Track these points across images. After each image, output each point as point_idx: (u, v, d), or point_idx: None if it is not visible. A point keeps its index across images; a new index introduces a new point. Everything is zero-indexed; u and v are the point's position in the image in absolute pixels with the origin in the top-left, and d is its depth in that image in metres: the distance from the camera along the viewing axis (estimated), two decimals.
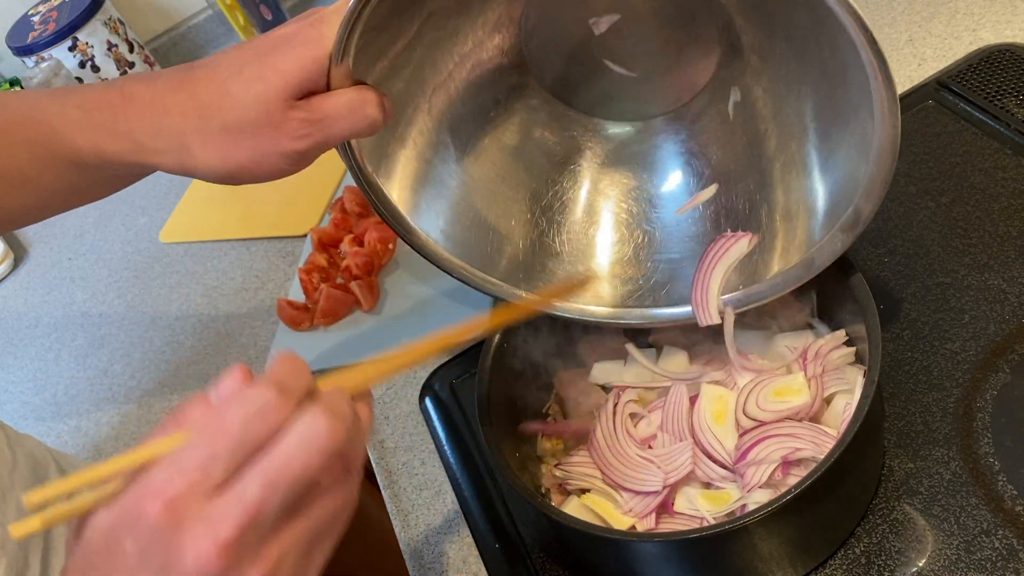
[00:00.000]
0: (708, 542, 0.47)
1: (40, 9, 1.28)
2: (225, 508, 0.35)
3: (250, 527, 0.35)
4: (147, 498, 0.35)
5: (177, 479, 0.35)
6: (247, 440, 0.35)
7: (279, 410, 0.36)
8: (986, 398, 0.57)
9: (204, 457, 0.35)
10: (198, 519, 0.34)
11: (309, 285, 0.88)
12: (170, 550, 0.34)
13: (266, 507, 0.35)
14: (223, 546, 0.34)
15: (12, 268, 1.19)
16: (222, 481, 0.35)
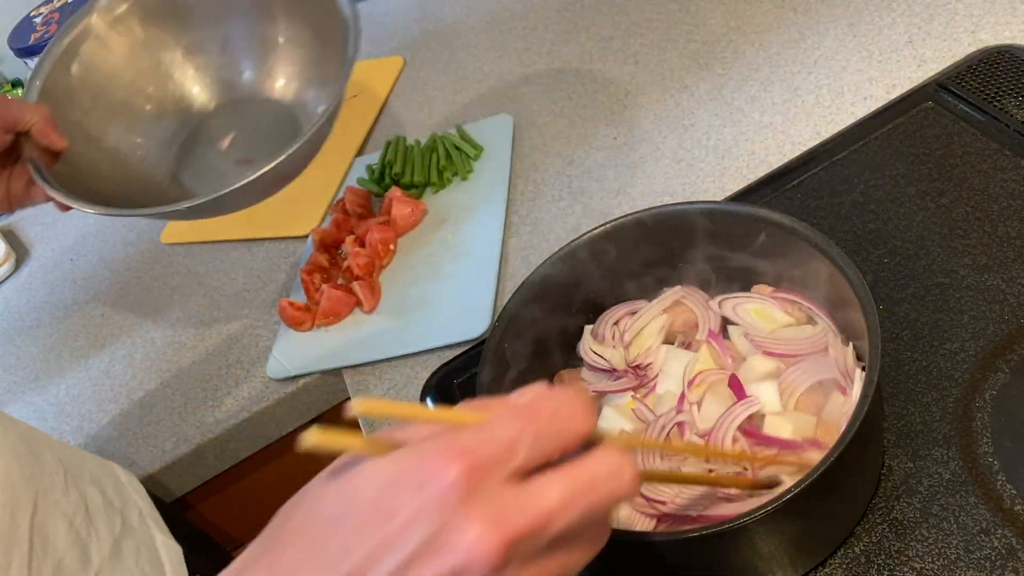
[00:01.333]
0: (708, 541, 0.47)
1: (42, 10, 1.28)
2: (522, 501, 0.32)
3: (534, 535, 0.32)
4: (448, 456, 0.32)
5: (484, 447, 0.33)
6: (555, 432, 0.34)
7: (588, 415, 0.35)
8: (985, 398, 0.57)
9: (512, 434, 0.33)
10: (492, 498, 0.32)
11: (310, 285, 0.88)
12: (450, 520, 0.32)
13: (556, 520, 0.33)
14: (506, 540, 0.31)
15: (14, 269, 1.19)
16: (524, 468, 0.33)
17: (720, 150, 0.85)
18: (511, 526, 0.32)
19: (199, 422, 0.86)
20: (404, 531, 0.32)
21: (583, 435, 0.35)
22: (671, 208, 0.62)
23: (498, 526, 0.31)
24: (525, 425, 0.33)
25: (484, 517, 0.31)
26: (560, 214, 0.87)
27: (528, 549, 0.32)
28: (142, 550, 0.67)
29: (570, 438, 0.34)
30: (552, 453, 0.34)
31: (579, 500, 0.33)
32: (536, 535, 0.32)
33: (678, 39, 1.00)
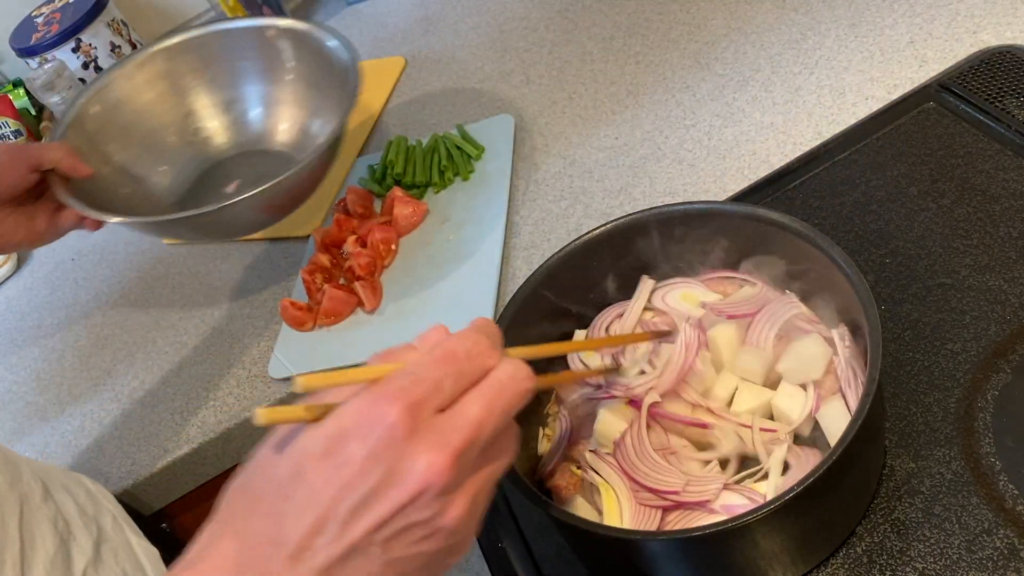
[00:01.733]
0: (711, 540, 0.47)
1: (43, 11, 1.28)
2: (454, 422, 0.37)
3: (470, 447, 0.36)
4: (387, 400, 0.36)
5: (417, 387, 0.36)
6: (470, 368, 0.38)
7: (493, 350, 0.39)
8: (987, 398, 0.57)
9: (438, 374, 0.37)
10: (431, 428, 0.36)
11: (312, 286, 0.88)
12: (401, 456, 0.35)
13: (484, 430, 0.37)
14: (452, 457, 0.35)
15: (15, 269, 1.19)
16: (449, 399, 0.37)
17: (721, 150, 0.85)
18: (452, 444, 0.36)
19: (200, 422, 0.86)
20: (360, 474, 0.35)
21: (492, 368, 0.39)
22: (672, 209, 0.62)
23: (442, 448, 0.36)
24: (446, 366, 0.38)
25: (429, 444, 0.36)
26: (561, 214, 0.87)
27: (468, 462, 0.37)
28: (121, 553, 0.68)
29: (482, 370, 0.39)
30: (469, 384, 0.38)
31: (495, 405, 0.38)
32: (473, 446, 0.37)
33: (679, 39, 1.00)
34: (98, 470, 0.86)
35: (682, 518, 0.53)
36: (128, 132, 0.94)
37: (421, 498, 0.35)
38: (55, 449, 0.90)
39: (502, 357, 0.40)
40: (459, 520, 0.37)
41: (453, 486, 0.36)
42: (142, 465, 0.85)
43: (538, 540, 0.61)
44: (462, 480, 0.37)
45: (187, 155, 0.97)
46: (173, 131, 0.96)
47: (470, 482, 0.37)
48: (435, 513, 0.36)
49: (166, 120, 0.96)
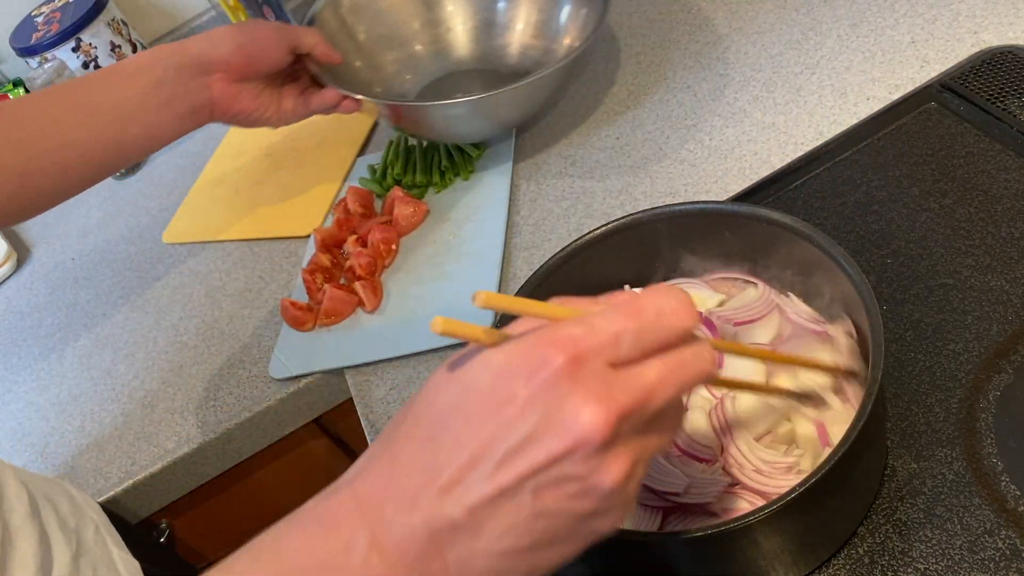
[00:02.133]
0: (712, 541, 0.47)
1: (43, 10, 1.28)
2: (625, 381, 0.35)
3: (637, 410, 0.35)
4: (556, 345, 0.35)
5: (589, 337, 0.35)
6: (658, 328, 0.36)
7: (691, 313, 0.37)
8: (989, 399, 0.57)
9: (617, 328, 0.36)
10: (598, 381, 0.34)
11: (312, 285, 0.88)
12: (562, 403, 0.34)
13: (655, 398, 0.36)
14: (616, 415, 0.34)
15: (15, 268, 1.19)
16: (626, 357, 0.36)
17: (723, 150, 0.85)
18: (619, 403, 0.34)
19: (201, 422, 0.86)
20: (518, 416, 0.34)
21: (686, 331, 0.37)
22: (673, 209, 0.62)
23: (607, 403, 0.34)
24: (629, 320, 0.36)
25: (594, 396, 0.34)
26: (562, 214, 0.87)
27: (632, 426, 0.35)
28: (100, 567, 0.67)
29: (672, 334, 0.37)
30: (654, 348, 0.36)
31: (673, 378, 0.36)
32: (640, 411, 0.35)
33: (680, 39, 1.00)
34: (98, 470, 0.86)
35: (683, 519, 0.53)
36: (375, 28, 1.01)
37: (578, 451, 0.34)
38: (55, 449, 0.90)
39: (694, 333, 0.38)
40: (615, 483, 0.35)
41: (612, 444, 0.35)
42: (142, 465, 0.85)
43: None
44: (622, 442, 0.35)
45: (426, 61, 1.03)
46: (416, 36, 1.03)
47: (631, 447, 0.36)
48: (591, 469, 0.34)
49: (411, 24, 1.03)
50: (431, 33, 1.03)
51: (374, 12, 1.01)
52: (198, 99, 0.79)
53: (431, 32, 1.03)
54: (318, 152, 1.11)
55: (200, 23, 1.43)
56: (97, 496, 0.84)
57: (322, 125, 1.15)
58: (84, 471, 0.87)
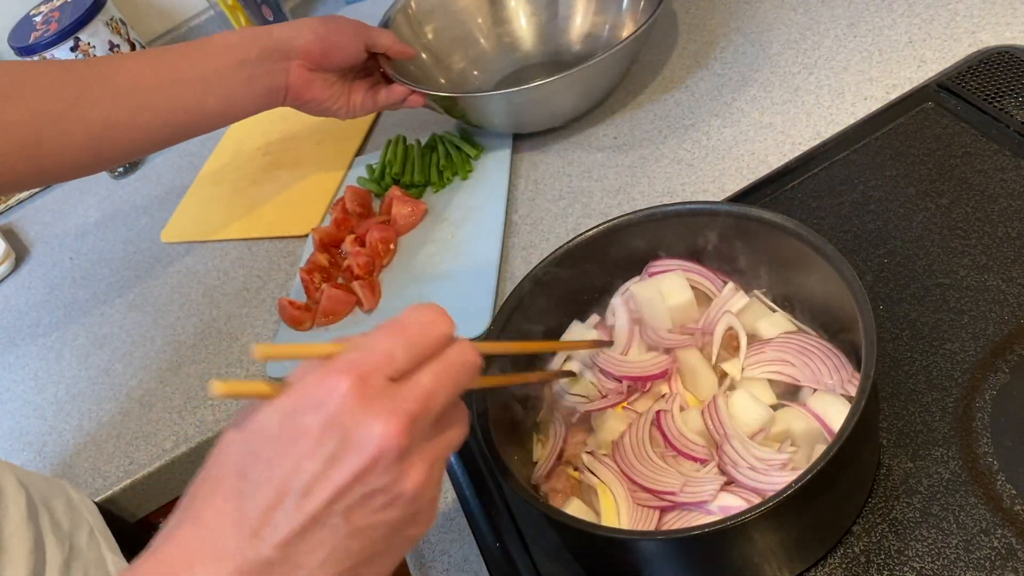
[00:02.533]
0: (707, 539, 0.47)
1: (42, 9, 1.28)
2: (407, 391, 0.37)
3: (423, 414, 0.37)
4: (339, 372, 0.36)
5: (367, 358, 0.37)
6: (423, 340, 0.39)
7: (448, 324, 0.40)
8: (985, 398, 0.57)
9: (388, 345, 0.38)
10: (384, 395, 0.37)
11: (310, 285, 0.88)
12: (356, 423, 0.36)
13: (435, 400, 0.38)
14: (406, 423, 0.36)
15: (14, 268, 1.19)
16: (402, 370, 0.38)
17: (720, 150, 0.85)
18: (406, 412, 0.37)
19: (199, 421, 0.86)
20: (315, 445, 0.36)
21: (447, 335, 0.40)
22: (669, 208, 0.62)
23: (395, 414, 0.36)
24: (397, 337, 0.39)
25: (384, 410, 0.36)
26: (560, 214, 0.87)
27: (421, 431, 0.38)
28: (92, 571, 0.67)
29: (435, 340, 0.40)
30: (424, 355, 0.39)
31: (446, 376, 0.39)
32: (425, 414, 0.38)
33: (678, 39, 1.00)
34: (96, 469, 0.86)
35: (679, 518, 0.53)
36: (443, 29, 1.05)
37: (378, 464, 0.36)
38: (53, 448, 0.90)
39: (454, 336, 0.41)
40: (418, 486, 0.37)
41: (409, 452, 0.37)
42: (140, 464, 0.85)
43: (537, 541, 0.61)
44: (417, 447, 0.38)
45: (494, 58, 1.07)
46: (483, 34, 1.07)
47: (425, 449, 0.38)
48: (393, 479, 0.37)
49: (478, 22, 1.07)
50: (497, 30, 1.07)
51: (442, 14, 1.06)
52: (276, 81, 0.83)
53: (497, 29, 1.08)
54: (316, 151, 1.11)
55: (198, 23, 1.43)
56: (95, 495, 0.84)
57: (321, 125, 1.15)
58: (82, 470, 0.87)
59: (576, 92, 0.91)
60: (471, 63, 1.06)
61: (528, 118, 0.94)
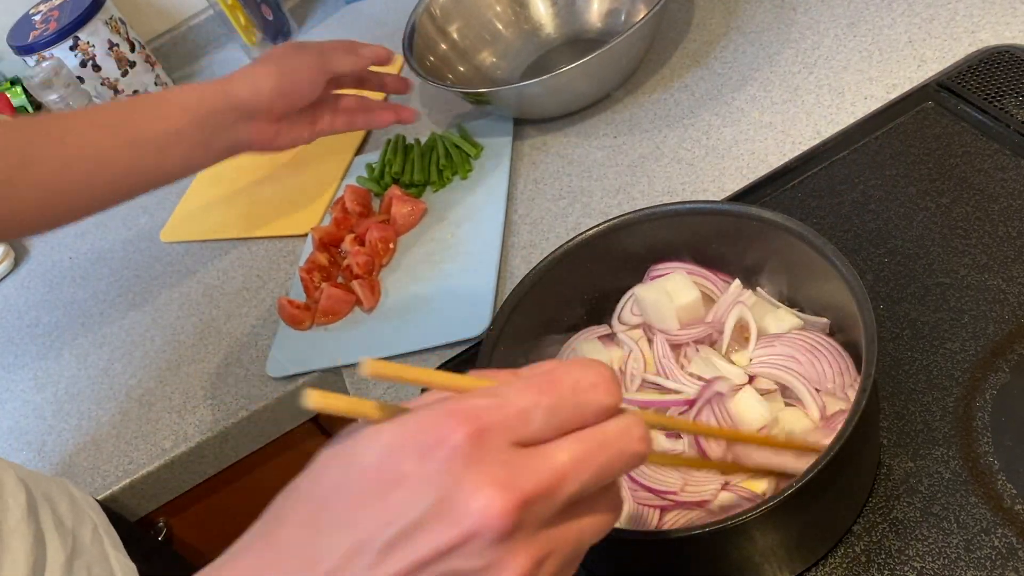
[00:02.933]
0: (708, 539, 0.47)
1: (41, 8, 1.28)
2: (532, 463, 0.31)
3: (545, 497, 0.31)
4: (456, 418, 0.31)
5: (494, 411, 0.31)
6: (573, 404, 0.32)
7: (612, 390, 0.33)
8: (986, 397, 0.57)
9: (527, 402, 0.32)
10: (501, 462, 0.30)
11: (310, 284, 0.88)
12: (457, 485, 0.30)
13: (567, 484, 0.31)
14: (517, 502, 0.30)
15: (13, 267, 1.19)
16: (536, 436, 0.32)
17: (720, 150, 0.85)
18: (521, 489, 0.30)
19: (198, 420, 0.86)
20: (407, 499, 0.30)
21: (608, 409, 0.33)
22: (669, 208, 0.62)
23: (508, 489, 0.30)
24: (541, 394, 0.32)
25: (493, 480, 0.30)
26: (560, 213, 0.87)
27: (540, 514, 0.31)
28: (95, 568, 0.67)
29: (591, 411, 0.32)
30: (569, 425, 0.32)
31: (591, 460, 0.32)
32: (548, 497, 0.31)
33: (678, 38, 1.00)
34: (96, 468, 0.86)
35: (680, 518, 0.53)
36: (467, 26, 1.06)
37: (473, 542, 0.30)
38: (52, 447, 0.90)
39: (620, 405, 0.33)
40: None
41: (513, 537, 0.30)
42: (139, 464, 0.85)
43: None
44: (528, 534, 0.31)
45: (517, 45, 1.07)
46: (506, 21, 1.08)
47: (540, 539, 0.31)
48: (487, 564, 0.30)
49: (498, 10, 1.08)
50: (517, 17, 1.08)
51: (463, 10, 1.07)
52: (237, 140, 0.81)
53: (517, 15, 1.08)
54: (316, 151, 1.11)
55: (197, 22, 1.43)
56: (95, 494, 0.84)
57: None
58: (82, 470, 0.87)
59: (595, 76, 0.91)
60: (499, 57, 1.07)
61: (549, 104, 0.95)
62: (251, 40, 1.35)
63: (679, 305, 0.60)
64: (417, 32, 1.02)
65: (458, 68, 1.04)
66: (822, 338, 0.57)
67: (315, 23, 1.40)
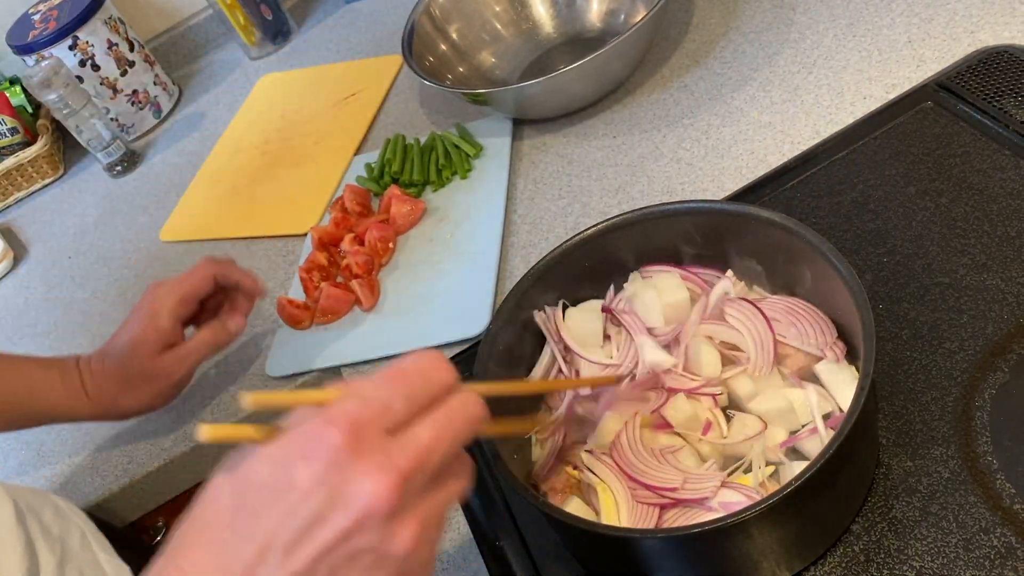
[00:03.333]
0: (707, 537, 0.47)
1: (40, 8, 1.28)
2: (402, 445, 0.36)
3: (419, 471, 0.36)
4: (333, 423, 0.35)
5: (363, 409, 0.36)
6: (423, 390, 0.38)
7: (449, 368, 0.39)
8: (984, 397, 0.57)
9: (387, 394, 0.37)
10: (377, 450, 0.35)
11: (309, 284, 0.88)
12: (345, 478, 0.34)
13: (433, 456, 0.36)
14: (398, 480, 0.35)
15: (12, 266, 1.19)
16: (401, 421, 0.37)
17: (719, 149, 0.85)
18: (399, 468, 0.35)
19: (198, 420, 0.86)
20: (302, 499, 0.34)
21: (449, 384, 0.39)
22: (668, 207, 0.62)
23: (388, 471, 0.35)
24: (396, 386, 0.37)
25: (374, 466, 0.35)
26: (559, 213, 0.87)
27: (417, 485, 0.36)
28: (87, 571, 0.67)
29: (436, 390, 0.38)
30: (423, 406, 0.38)
31: (446, 431, 0.37)
32: (421, 470, 0.36)
33: (678, 38, 1.00)
34: (95, 468, 0.86)
35: (680, 515, 0.53)
36: (466, 27, 1.07)
37: (367, 523, 0.35)
38: (51, 447, 0.90)
39: (457, 384, 0.39)
40: (409, 546, 0.36)
41: (400, 510, 0.35)
42: (139, 463, 0.85)
43: (536, 539, 0.61)
44: (410, 505, 0.36)
45: (517, 45, 1.07)
46: (505, 22, 1.08)
47: (420, 507, 0.36)
48: (382, 538, 0.35)
49: (496, 11, 1.08)
50: (516, 17, 1.09)
51: (462, 9, 1.07)
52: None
53: (516, 16, 1.09)
54: (315, 150, 1.11)
55: (197, 22, 1.43)
56: (94, 494, 0.84)
57: (319, 124, 1.15)
58: (81, 469, 0.87)
59: (594, 77, 0.91)
60: (499, 58, 1.07)
61: (548, 104, 0.95)
62: (250, 40, 1.35)
63: (667, 303, 0.62)
64: (416, 32, 1.01)
65: (457, 68, 1.04)
66: (801, 302, 0.59)
67: (314, 23, 1.40)
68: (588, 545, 0.56)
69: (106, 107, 1.28)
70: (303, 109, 1.20)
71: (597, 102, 0.97)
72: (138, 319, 0.78)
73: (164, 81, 1.36)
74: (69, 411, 0.79)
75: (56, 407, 0.78)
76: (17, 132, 1.29)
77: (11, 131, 1.29)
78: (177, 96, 1.39)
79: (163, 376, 0.79)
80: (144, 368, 0.78)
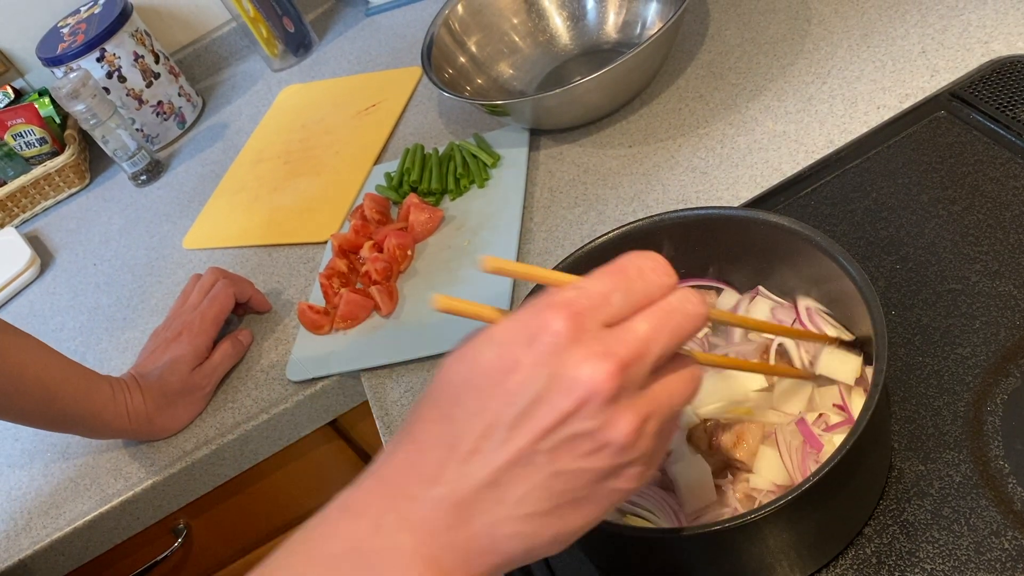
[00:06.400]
0: (719, 537, 0.48)
1: (69, 21, 1.31)
2: (620, 335, 0.37)
3: (637, 361, 0.37)
4: (553, 310, 0.37)
5: (582, 299, 0.37)
6: (641, 285, 0.38)
7: (668, 271, 0.39)
8: (996, 402, 0.58)
9: (606, 288, 0.38)
10: (596, 339, 0.36)
11: (329, 290, 0.90)
12: (564, 363, 0.36)
13: (652, 348, 0.37)
14: (616, 368, 0.36)
15: (39, 273, 1.22)
16: (618, 315, 0.38)
17: (734, 158, 0.86)
18: (617, 355, 0.36)
19: (219, 423, 0.88)
20: (524, 381, 0.36)
21: (668, 286, 0.39)
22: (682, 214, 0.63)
23: (606, 358, 0.36)
24: (616, 281, 0.38)
25: (594, 353, 0.36)
26: (575, 221, 0.88)
27: (635, 377, 0.37)
28: None
29: (654, 290, 0.39)
30: (641, 303, 0.38)
31: (665, 325, 0.38)
32: (639, 361, 0.37)
33: (693, 49, 1.01)
34: (118, 470, 0.88)
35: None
36: (485, 38, 1.08)
37: (585, 407, 0.36)
38: (77, 449, 0.92)
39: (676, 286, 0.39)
40: (626, 436, 0.36)
41: (618, 399, 0.36)
42: (161, 465, 0.86)
43: None
44: (629, 396, 0.37)
45: (534, 57, 1.09)
46: (523, 33, 1.10)
47: (639, 401, 0.37)
48: (601, 424, 0.36)
49: (514, 23, 1.10)
50: (533, 29, 1.10)
51: (481, 22, 1.08)
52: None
53: (533, 28, 1.10)
54: (336, 160, 1.13)
55: (220, 34, 1.46)
56: (117, 495, 0.85)
57: (340, 134, 1.17)
58: (105, 471, 0.89)
59: (610, 88, 0.93)
60: (513, 66, 1.08)
61: (565, 115, 0.97)
62: (273, 52, 1.38)
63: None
64: (436, 45, 1.03)
65: (476, 80, 1.06)
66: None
67: (335, 35, 1.43)
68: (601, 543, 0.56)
69: (132, 118, 1.31)
70: (324, 120, 1.22)
71: (613, 112, 0.98)
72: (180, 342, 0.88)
73: (188, 92, 1.38)
74: (105, 423, 0.84)
75: (99, 415, 0.83)
76: (45, 142, 1.32)
77: (40, 141, 1.32)
78: (201, 107, 1.41)
79: (197, 389, 0.88)
80: (184, 384, 0.87)
